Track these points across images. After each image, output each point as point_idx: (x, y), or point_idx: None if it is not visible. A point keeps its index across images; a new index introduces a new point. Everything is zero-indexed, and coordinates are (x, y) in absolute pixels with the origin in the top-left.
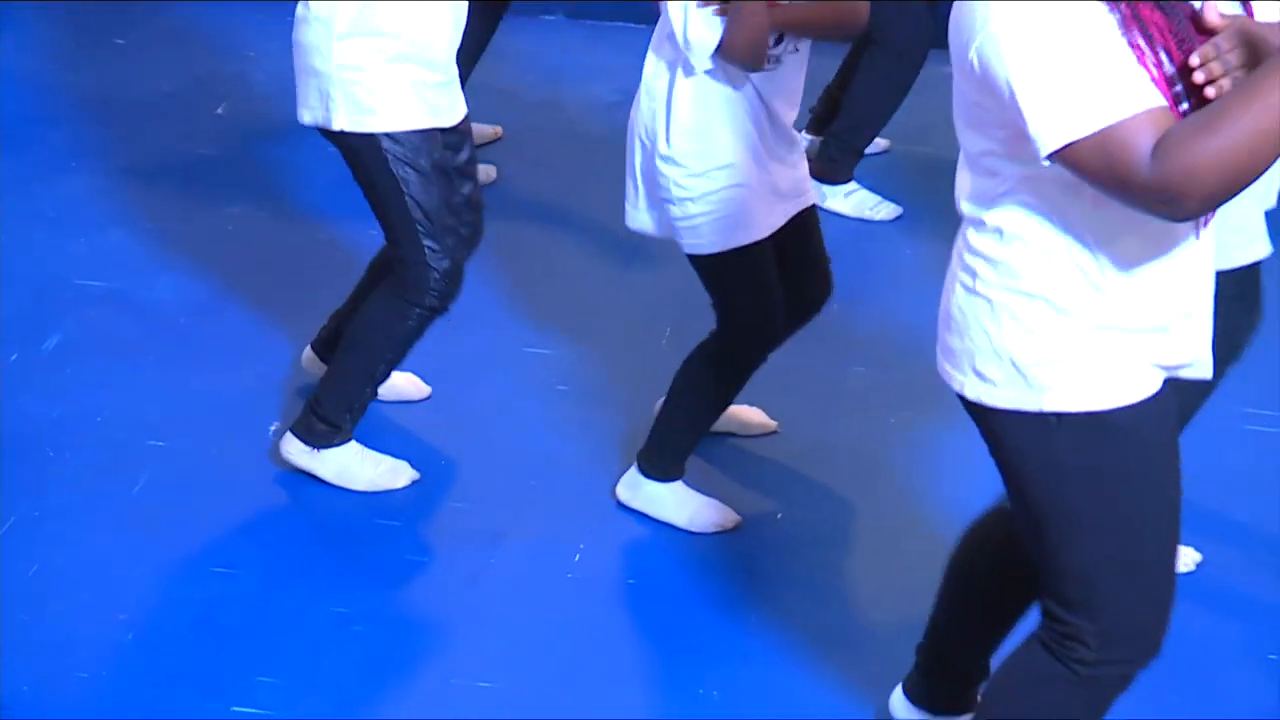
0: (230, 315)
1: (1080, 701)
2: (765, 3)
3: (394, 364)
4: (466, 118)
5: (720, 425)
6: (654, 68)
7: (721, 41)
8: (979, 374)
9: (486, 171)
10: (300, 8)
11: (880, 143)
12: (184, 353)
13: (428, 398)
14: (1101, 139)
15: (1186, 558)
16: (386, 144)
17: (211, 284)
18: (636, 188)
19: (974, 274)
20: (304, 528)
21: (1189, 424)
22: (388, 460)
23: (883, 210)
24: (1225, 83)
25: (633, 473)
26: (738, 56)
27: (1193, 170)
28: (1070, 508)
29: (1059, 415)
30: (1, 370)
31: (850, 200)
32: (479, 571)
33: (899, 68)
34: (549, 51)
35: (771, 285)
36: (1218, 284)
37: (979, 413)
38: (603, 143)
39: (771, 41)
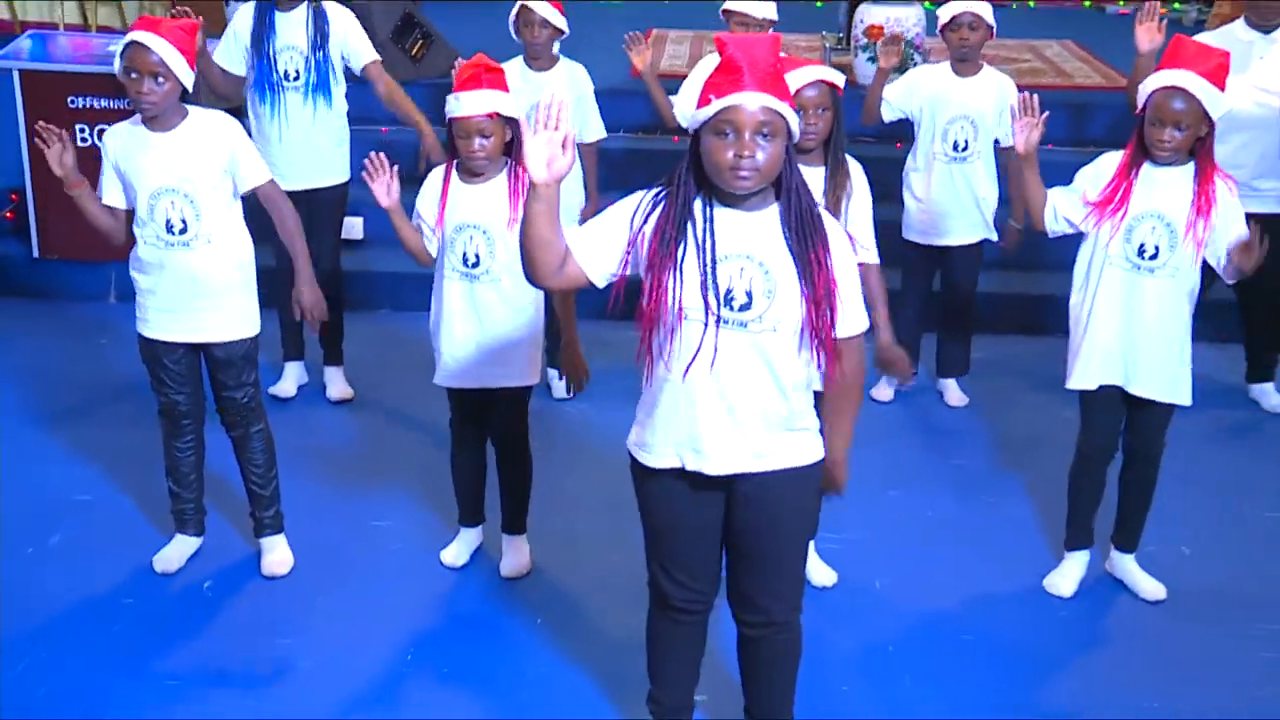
0: None
1: (664, 627)
2: None
3: None
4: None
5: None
6: None
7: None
8: None
9: (345, 390)
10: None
11: None
12: (149, 541)
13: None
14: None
15: (826, 576)
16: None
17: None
18: None
19: None
20: (230, 649)
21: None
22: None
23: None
24: None
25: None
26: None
27: None
28: None
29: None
30: (22, 559)
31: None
32: (352, 661)
33: None
34: (382, 336)
35: (457, 425)
36: None
37: None
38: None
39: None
